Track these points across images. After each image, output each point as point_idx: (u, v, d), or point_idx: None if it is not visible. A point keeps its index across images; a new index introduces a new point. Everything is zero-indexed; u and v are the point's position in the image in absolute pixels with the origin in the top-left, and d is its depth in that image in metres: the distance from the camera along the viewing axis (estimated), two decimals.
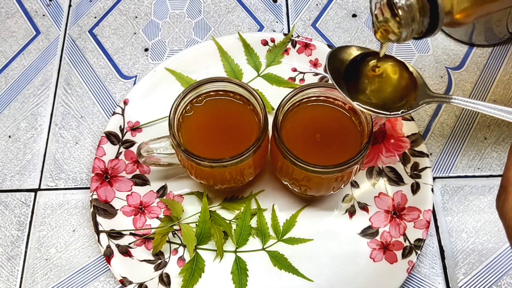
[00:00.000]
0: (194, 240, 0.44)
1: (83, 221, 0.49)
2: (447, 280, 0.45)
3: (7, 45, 0.59)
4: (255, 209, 0.47)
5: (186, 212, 0.47)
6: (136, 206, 0.47)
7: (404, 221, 0.45)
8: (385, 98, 0.35)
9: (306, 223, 0.46)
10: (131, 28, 0.59)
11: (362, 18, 0.59)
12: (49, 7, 0.61)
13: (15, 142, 0.53)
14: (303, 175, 0.40)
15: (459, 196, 0.49)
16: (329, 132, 0.43)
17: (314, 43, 0.53)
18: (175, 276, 0.44)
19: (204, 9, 0.60)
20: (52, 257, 0.47)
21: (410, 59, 0.56)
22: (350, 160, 0.38)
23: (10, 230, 0.49)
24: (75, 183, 0.50)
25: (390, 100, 0.34)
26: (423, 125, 0.52)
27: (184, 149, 0.40)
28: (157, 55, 0.57)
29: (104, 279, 0.46)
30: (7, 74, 0.57)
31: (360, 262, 0.44)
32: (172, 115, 0.41)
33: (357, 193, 0.47)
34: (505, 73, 0.54)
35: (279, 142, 0.39)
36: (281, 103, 0.41)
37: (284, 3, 0.60)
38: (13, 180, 0.51)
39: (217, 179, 0.43)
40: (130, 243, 0.45)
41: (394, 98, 0.35)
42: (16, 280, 0.47)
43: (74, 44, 0.58)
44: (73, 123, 0.54)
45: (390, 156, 0.48)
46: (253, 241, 0.46)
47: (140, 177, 0.49)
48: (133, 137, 0.50)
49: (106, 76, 0.56)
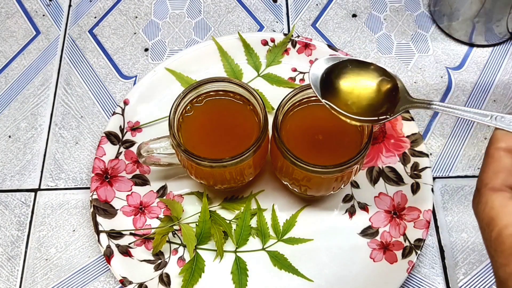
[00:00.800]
0: (194, 240, 0.44)
1: (83, 221, 0.49)
2: (447, 280, 0.45)
3: (7, 45, 0.59)
4: (255, 209, 0.47)
5: (186, 212, 0.47)
6: (136, 206, 0.47)
7: (404, 221, 0.45)
8: (366, 106, 0.35)
9: (306, 223, 0.46)
10: (131, 28, 0.59)
11: (362, 18, 0.59)
12: (49, 7, 0.61)
13: (15, 142, 0.53)
14: (303, 175, 0.40)
15: (459, 196, 0.49)
16: (329, 132, 0.43)
17: (314, 43, 0.53)
18: (175, 276, 0.44)
19: (204, 9, 0.60)
20: (52, 257, 0.47)
21: (410, 59, 0.56)
22: (350, 160, 0.38)
23: (10, 230, 0.49)
24: (75, 183, 0.51)
25: (371, 107, 0.35)
26: (423, 125, 0.52)
27: (184, 149, 0.40)
28: (157, 55, 0.57)
29: (104, 279, 0.46)
30: (7, 74, 0.57)
31: (360, 262, 0.44)
32: (172, 115, 0.41)
33: (357, 193, 0.47)
34: (505, 73, 0.54)
35: (279, 142, 0.39)
36: (281, 103, 0.41)
37: (284, 3, 0.60)
38: (13, 180, 0.51)
39: (217, 179, 0.43)
40: (130, 243, 0.45)
41: (375, 106, 0.35)
42: (16, 280, 0.47)
43: (74, 44, 0.58)
44: (73, 123, 0.54)
45: (390, 156, 0.48)
46: (253, 241, 0.46)
47: (140, 177, 0.49)
48: (133, 137, 0.50)
49: (106, 76, 0.56)
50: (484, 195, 0.25)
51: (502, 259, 0.23)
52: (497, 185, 0.25)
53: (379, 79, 0.35)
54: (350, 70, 0.36)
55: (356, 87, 0.35)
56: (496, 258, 0.24)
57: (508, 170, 0.25)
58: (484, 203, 0.25)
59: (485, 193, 0.25)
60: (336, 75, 0.35)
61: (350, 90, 0.35)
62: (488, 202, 0.25)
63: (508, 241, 0.23)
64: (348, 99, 0.35)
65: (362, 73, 0.35)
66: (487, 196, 0.25)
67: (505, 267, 0.23)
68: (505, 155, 0.26)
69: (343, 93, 0.35)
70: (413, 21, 0.58)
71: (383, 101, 0.35)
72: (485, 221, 0.24)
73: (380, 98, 0.35)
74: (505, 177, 0.25)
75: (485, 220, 0.24)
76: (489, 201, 0.25)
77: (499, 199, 0.24)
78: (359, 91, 0.35)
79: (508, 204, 0.24)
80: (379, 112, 0.35)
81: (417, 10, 0.59)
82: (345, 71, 0.36)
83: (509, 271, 0.23)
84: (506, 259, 0.23)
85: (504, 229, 0.23)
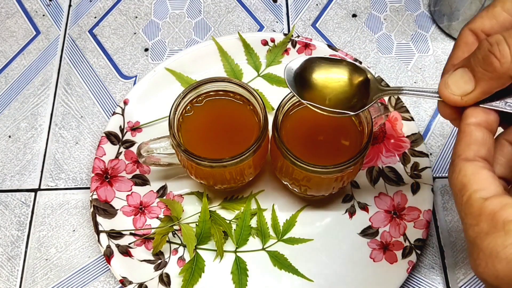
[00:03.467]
0: (194, 240, 0.44)
1: (83, 221, 0.49)
2: (447, 280, 0.45)
3: (7, 45, 0.59)
4: (255, 209, 0.47)
5: (186, 212, 0.47)
6: (136, 206, 0.47)
7: (404, 221, 0.45)
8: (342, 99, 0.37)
9: (306, 223, 0.46)
10: (131, 28, 0.59)
11: (362, 18, 0.59)
12: (49, 7, 0.61)
13: (15, 142, 0.53)
14: (303, 175, 0.40)
15: None
16: (329, 132, 0.43)
17: (314, 43, 0.53)
18: (175, 276, 0.44)
19: (204, 9, 0.60)
20: (52, 257, 0.47)
21: (410, 59, 0.56)
22: (350, 160, 0.38)
23: (10, 230, 0.49)
24: (75, 183, 0.51)
25: (346, 100, 0.36)
26: (423, 125, 0.52)
27: (184, 149, 0.40)
28: (157, 55, 0.58)
29: (104, 279, 0.46)
30: (7, 74, 0.57)
31: (360, 262, 0.44)
32: (172, 115, 0.41)
33: (357, 193, 0.47)
34: None
35: (279, 142, 0.39)
36: (281, 103, 0.41)
37: (284, 3, 0.60)
38: (13, 180, 0.51)
39: (217, 179, 0.43)
40: (130, 243, 0.45)
41: (350, 98, 0.36)
42: (16, 280, 0.47)
43: (74, 44, 0.59)
44: (73, 123, 0.54)
45: (390, 156, 0.48)
46: (253, 241, 0.46)
47: (140, 177, 0.49)
48: (133, 137, 0.50)
49: (106, 76, 0.56)
50: (458, 165, 0.27)
51: (471, 220, 0.26)
52: (470, 155, 0.27)
53: (350, 73, 0.37)
54: (323, 68, 0.37)
55: (330, 82, 0.37)
56: (466, 220, 0.26)
57: (479, 143, 0.28)
58: (457, 172, 0.27)
59: (459, 163, 0.27)
60: (309, 73, 0.37)
61: (324, 86, 0.37)
62: (461, 170, 0.27)
63: (476, 204, 0.25)
64: (323, 94, 0.36)
65: (333, 69, 0.37)
66: (460, 165, 0.27)
67: (474, 227, 0.25)
68: (475, 129, 0.28)
69: (318, 90, 0.37)
70: (413, 21, 0.58)
71: (357, 93, 0.36)
72: (457, 187, 0.27)
73: (354, 91, 0.36)
74: (477, 148, 0.27)
75: (458, 186, 0.27)
76: (462, 170, 0.27)
77: (471, 167, 0.27)
78: (333, 85, 0.37)
79: (479, 172, 0.26)
80: (353, 104, 0.36)
81: (417, 10, 0.59)
82: (317, 69, 0.37)
83: (477, 230, 0.25)
84: (475, 220, 0.25)
85: (474, 193, 0.26)
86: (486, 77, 0.27)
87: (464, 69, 0.28)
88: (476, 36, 0.30)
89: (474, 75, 0.28)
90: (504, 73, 0.27)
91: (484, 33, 0.30)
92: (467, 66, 0.28)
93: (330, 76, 0.37)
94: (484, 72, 0.27)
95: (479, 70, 0.28)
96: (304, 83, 0.36)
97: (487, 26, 0.30)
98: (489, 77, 0.27)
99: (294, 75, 0.36)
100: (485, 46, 0.27)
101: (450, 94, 0.29)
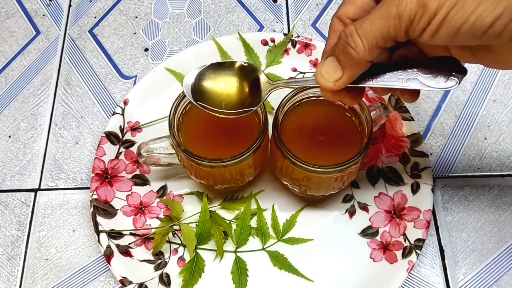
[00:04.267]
0: (194, 240, 0.44)
1: (83, 221, 0.49)
2: (447, 280, 0.45)
3: (7, 45, 0.59)
4: (255, 209, 0.47)
5: (186, 212, 0.47)
6: (136, 206, 0.47)
7: (404, 221, 0.45)
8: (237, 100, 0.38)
9: (306, 223, 0.46)
10: (131, 28, 0.59)
11: None
12: (49, 7, 0.61)
13: (15, 142, 0.53)
14: (303, 175, 0.40)
15: (459, 196, 0.49)
16: (329, 132, 0.43)
17: (314, 43, 0.53)
18: (175, 276, 0.44)
19: (204, 9, 0.60)
20: (52, 257, 0.47)
21: None
22: (350, 160, 0.38)
23: (10, 230, 0.49)
24: (75, 183, 0.51)
25: (242, 100, 0.38)
26: (423, 125, 0.52)
27: (184, 149, 0.40)
28: (157, 55, 0.57)
29: (104, 279, 0.46)
30: (7, 74, 0.57)
31: (360, 262, 0.44)
32: (172, 115, 0.41)
33: (357, 193, 0.47)
34: (505, 73, 0.54)
35: (279, 142, 0.39)
36: (281, 103, 0.41)
37: (284, 3, 0.60)
38: (13, 180, 0.51)
39: (217, 179, 0.43)
40: (130, 243, 0.45)
41: (245, 98, 0.38)
42: (16, 280, 0.47)
43: (74, 44, 0.59)
44: (73, 123, 0.54)
45: (390, 156, 0.48)
46: (253, 241, 0.46)
47: (140, 177, 0.49)
48: (133, 137, 0.50)
49: (106, 76, 0.56)
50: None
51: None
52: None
53: (242, 74, 0.39)
54: (216, 75, 0.39)
55: (223, 89, 0.39)
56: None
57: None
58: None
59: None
60: (203, 84, 0.39)
61: (219, 94, 0.38)
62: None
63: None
64: (220, 101, 0.38)
65: (226, 75, 0.39)
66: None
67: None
68: None
69: (216, 97, 0.38)
70: None
71: (250, 93, 0.38)
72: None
73: (247, 92, 0.38)
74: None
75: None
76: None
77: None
78: (227, 92, 0.39)
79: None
80: (250, 103, 0.38)
81: None
82: (210, 78, 0.39)
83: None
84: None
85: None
86: (349, 64, 0.30)
87: (332, 58, 0.31)
88: (342, 22, 0.33)
89: (340, 63, 0.31)
90: (361, 60, 0.29)
91: (349, 18, 0.33)
92: (334, 54, 0.31)
93: (223, 83, 0.39)
94: (346, 60, 0.30)
95: (342, 59, 0.30)
96: (201, 94, 0.38)
97: (350, 12, 0.33)
98: (351, 64, 0.30)
99: (192, 89, 0.38)
100: (342, 38, 0.30)
101: (325, 81, 0.32)
